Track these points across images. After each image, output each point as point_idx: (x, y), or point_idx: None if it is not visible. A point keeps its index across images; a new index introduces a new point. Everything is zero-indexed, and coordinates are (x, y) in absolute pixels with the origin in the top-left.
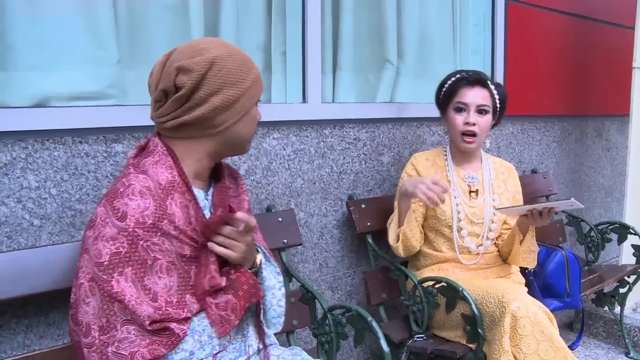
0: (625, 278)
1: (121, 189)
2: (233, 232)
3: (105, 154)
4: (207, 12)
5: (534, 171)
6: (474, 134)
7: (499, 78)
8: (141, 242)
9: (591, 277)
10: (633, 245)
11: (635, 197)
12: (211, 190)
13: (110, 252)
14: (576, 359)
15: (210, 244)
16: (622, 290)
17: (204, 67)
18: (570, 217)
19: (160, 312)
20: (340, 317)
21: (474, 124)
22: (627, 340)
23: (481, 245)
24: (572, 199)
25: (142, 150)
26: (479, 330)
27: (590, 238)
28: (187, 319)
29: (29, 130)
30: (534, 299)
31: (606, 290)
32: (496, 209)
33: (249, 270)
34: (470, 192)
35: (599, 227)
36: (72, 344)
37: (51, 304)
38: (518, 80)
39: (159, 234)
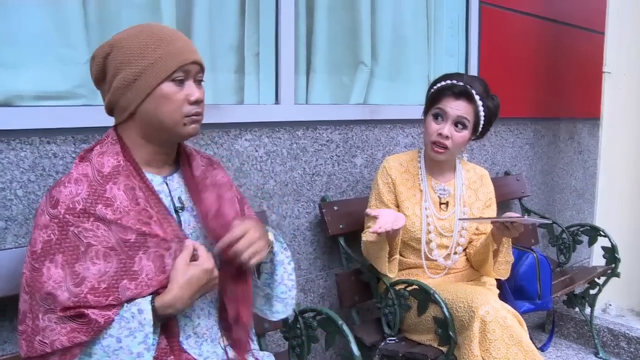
0: (596, 279)
1: (62, 179)
2: (247, 242)
3: (74, 155)
4: (179, 13)
5: (507, 173)
6: (445, 147)
7: None
8: (71, 229)
9: (562, 278)
10: (603, 247)
11: (606, 200)
12: (174, 176)
13: (42, 240)
14: None
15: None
16: (592, 292)
17: (105, 51)
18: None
19: (76, 298)
20: (311, 320)
21: (447, 137)
22: (596, 341)
23: (449, 259)
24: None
25: (98, 144)
26: (450, 333)
27: (562, 240)
28: (112, 306)
29: None
30: (503, 303)
31: (577, 291)
32: (459, 219)
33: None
34: (441, 204)
35: (570, 229)
36: None
37: (16, 308)
38: (491, 83)
39: (91, 219)
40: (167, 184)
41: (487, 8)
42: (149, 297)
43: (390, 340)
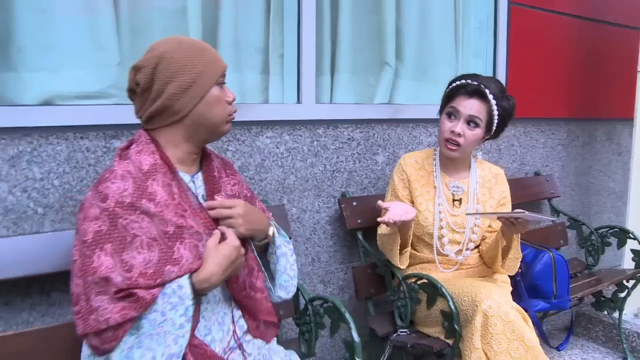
0: (624, 282)
1: (106, 175)
2: (224, 212)
3: (104, 149)
4: (205, 16)
5: (537, 173)
6: (457, 144)
7: (501, 80)
8: (120, 220)
9: (588, 279)
10: (632, 250)
11: (638, 201)
12: (199, 175)
13: (93, 231)
14: (547, 358)
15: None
16: (620, 295)
17: (154, 61)
18: (572, 221)
19: (129, 282)
20: (318, 307)
21: (459, 134)
22: (625, 345)
23: (461, 254)
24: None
25: (132, 143)
26: (456, 326)
27: (591, 242)
28: (158, 286)
29: (35, 126)
30: (508, 298)
31: (606, 294)
32: (466, 214)
33: (264, 241)
34: (454, 200)
35: (599, 231)
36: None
37: (53, 285)
38: (520, 83)
39: (137, 212)
40: (193, 182)
41: (516, 8)
42: (187, 275)
43: (402, 332)
